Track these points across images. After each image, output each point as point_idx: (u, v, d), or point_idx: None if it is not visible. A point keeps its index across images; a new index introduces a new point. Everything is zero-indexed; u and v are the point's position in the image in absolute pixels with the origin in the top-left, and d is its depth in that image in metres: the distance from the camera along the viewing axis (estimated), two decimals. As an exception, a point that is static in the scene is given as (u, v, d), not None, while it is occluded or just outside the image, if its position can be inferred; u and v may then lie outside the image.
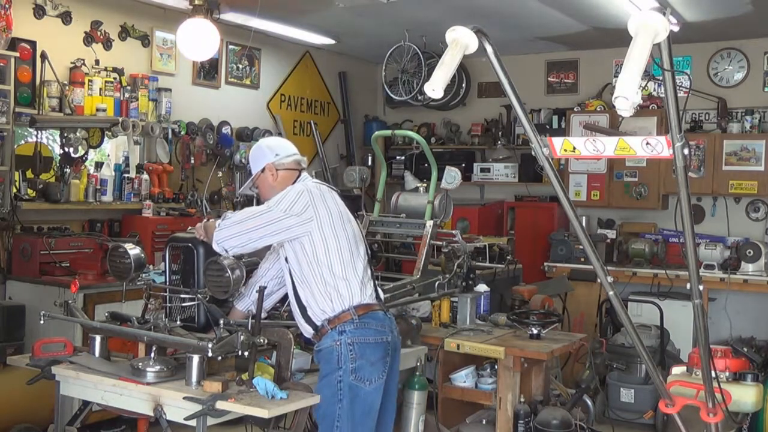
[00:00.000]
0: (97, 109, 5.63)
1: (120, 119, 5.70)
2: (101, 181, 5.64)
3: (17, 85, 5.19)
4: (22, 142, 5.44)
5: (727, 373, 3.39)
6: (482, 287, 4.66)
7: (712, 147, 6.90)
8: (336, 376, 3.01)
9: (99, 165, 5.76)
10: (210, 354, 2.87)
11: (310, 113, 8.09)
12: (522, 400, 4.18)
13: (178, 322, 3.28)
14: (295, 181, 3.24)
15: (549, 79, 8.09)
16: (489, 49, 2.17)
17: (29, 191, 5.28)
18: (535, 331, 4.23)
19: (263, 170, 3.26)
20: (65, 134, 5.46)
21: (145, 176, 5.96)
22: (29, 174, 5.33)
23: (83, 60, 5.63)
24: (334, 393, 3.01)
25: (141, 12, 6.19)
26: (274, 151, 3.28)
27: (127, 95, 5.87)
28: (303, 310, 3.12)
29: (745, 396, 3.32)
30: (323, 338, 3.08)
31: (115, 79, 5.80)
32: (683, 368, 3.42)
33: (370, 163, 8.51)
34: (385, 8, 6.02)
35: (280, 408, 2.76)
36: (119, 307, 3.98)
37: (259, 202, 3.29)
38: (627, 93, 1.80)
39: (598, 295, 6.35)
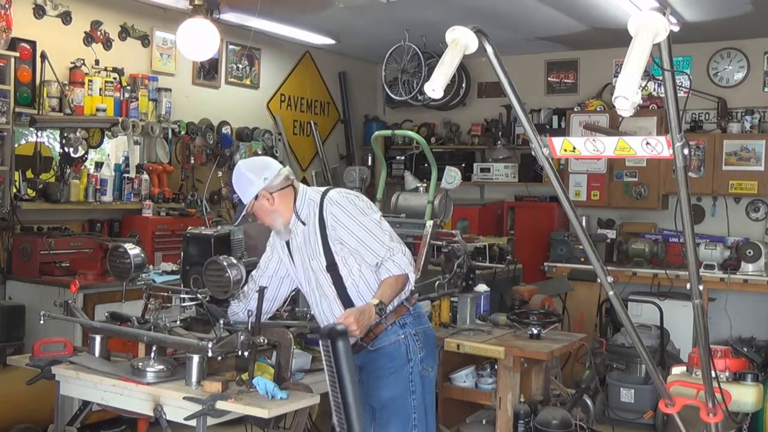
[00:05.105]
0: (97, 109, 5.63)
1: (120, 119, 5.70)
2: (101, 181, 5.64)
3: (17, 85, 5.19)
4: (22, 142, 5.44)
5: (727, 373, 3.39)
6: (482, 287, 4.66)
7: (712, 147, 6.90)
8: (407, 369, 3.03)
9: (99, 165, 5.76)
10: (210, 354, 2.87)
11: (310, 113, 8.09)
12: (522, 400, 4.18)
13: (178, 322, 3.28)
14: (295, 197, 3.11)
15: (549, 79, 8.09)
16: (489, 49, 2.17)
17: (29, 191, 5.28)
18: (535, 331, 4.23)
19: (257, 198, 3.06)
20: (65, 134, 5.47)
21: (145, 176, 5.96)
22: (29, 174, 5.33)
23: (83, 60, 5.63)
24: (407, 386, 3.03)
25: (141, 12, 6.19)
26: (261, 174, 3.05)
27: (127, 95, 5.87)
28: None
29: (745, 396, 3.32)
30: (382, 335, 3.04)
31: (115, 79, 5.80)
32: (683, 368, 3.42)
33: (370, 163, 8.51)
34: (385, 8, 6.02)
35: (280, 408, 2.76)
36: (119, 307, 3.98)
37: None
38: (627, 93, 1.80)
39: (598, 295, 6.35)
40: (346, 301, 3.07)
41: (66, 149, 5.49)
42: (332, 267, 3.07)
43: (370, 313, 2.92)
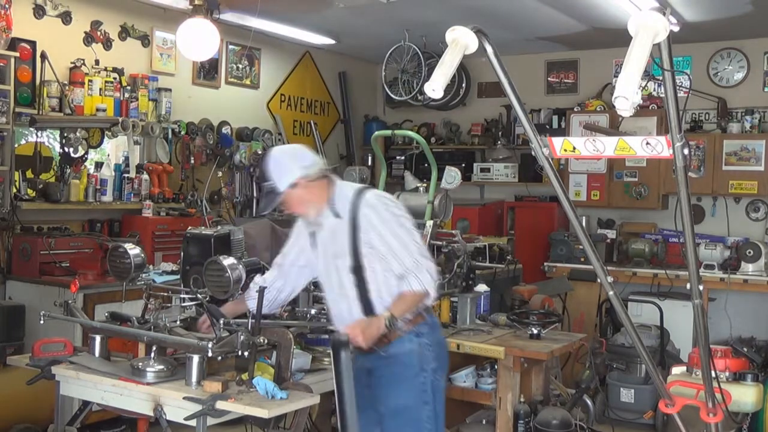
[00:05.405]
0: (97, 109, 5.63)
1: (120, 119, 5.71)
2: (101, 181, 5.64)
3: (17, 85, 5.19)
4: (22, 142, 5.44)
5: (727, 373, 3.40)
6: (482, 287, 4.66)
7: (712, 147, 6.90)
8: (420, 379, 3.00)
9: (99, 165, 5.76)
10: (210, 354, 2.87)
11: (310, 113, 8.09)
12: (522, 400, 4.18)
13: (177, 322, 3.28)
14: (330, 190, 3.06)
15: (549, 79, 8.09)
16: (489, 49, 2.17)
17: (29, 191, 5.28)
18: (535, 331, 4.23)
19: (294, 186, 2.98)
20: (65, 134, 5.47)
21: (145, 176, 5.96)
22: (29, 174, 5.33)
23: (83, 60, 5.63)
24: (420, 396, 3.00)
25: (141, 12, 6.19)
26: (299, 162, 3.00)
27: (127, 95, 5.87)
28: (371, 314, 3.02)
29: (745, 396, 3.32)
30: (396, 342, 3.00)
31: (115, 79, 5.80)
32: (683, 368, 3.43)
33: (370, 163, 8.50)
34: (385, 8, 6.02)
35: (280, 408, 2.76)
36: (119, 307, 3.98)
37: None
38: (627, 93, 1.80)
39: (598, 295, 6.35)
40: (367, 305, 3.01)
41: (66, 149, 5.49)
42: (358, 269, 3.01)
43: (378, 326, 2.89)
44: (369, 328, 2.87)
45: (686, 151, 1.98)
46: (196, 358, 2.91)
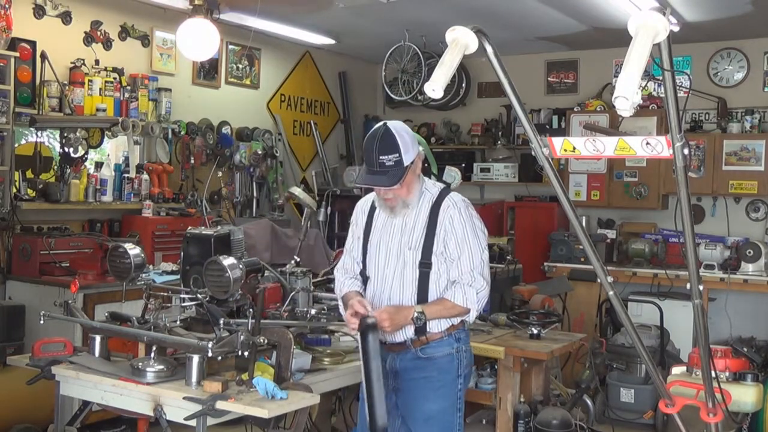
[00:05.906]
0: (97, 109, 5.63)
1: (120, 119, 5.71)
2: (101, 181, 5.64)
3: (17, 85, 5.19)
4: (22, 142, 5.44)
5: (727, 373, 3.40)
6: (482, 287, 4.65)
7: (712, 147, 6.90)
8: (457, 386, 2.99)
9: (99, 165, 5.76)
10: (210, 354, 2.87)
11: (310, 113, 8.09)
12: (522, 400, 4.18)
13: (178, 322, 3.28)
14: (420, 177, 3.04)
15: (549, 79, 8.09)
16: (489, 49, 2.17)
17: (29, 191, 5.28)
18: (535, 331, 4.23)
19: (413, 161, 2.93)
20: (65, 134, 5.46)
21: (145, 176, 5.96)
22: (29, 174, 5.33)
23: (83, 60, 5.63)
24: (455, 402, 2.99)
25: (141, 12, 6.19)
26: (414, 138, 2.99)
27: (127, 95, 5.88)
28: None
29: (745, 396, 3.33)
30: (435, 344, 2.98)
31: (115, 79, 5.80)
32: (683, 368, 3.43)
33: (370, 163, 8.48)
34: (385, 8, 6.02)
35: (280, 408, 2.76)
36: (119, 307, 3.98)
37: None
38: (627, 93, 1.80)
39: (598, 295, 6.35)
40: (423, 302, 2.98)
41: (66, 149, 5.48)
42: (426, 266, 2.97)
43: (405, 317, 2.88)
44: (397, 316, 2.86)
45: (686, 151, 1.98)
46: (196, 358, 2.91)
